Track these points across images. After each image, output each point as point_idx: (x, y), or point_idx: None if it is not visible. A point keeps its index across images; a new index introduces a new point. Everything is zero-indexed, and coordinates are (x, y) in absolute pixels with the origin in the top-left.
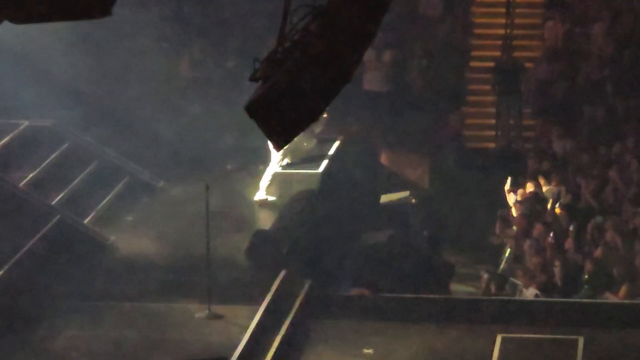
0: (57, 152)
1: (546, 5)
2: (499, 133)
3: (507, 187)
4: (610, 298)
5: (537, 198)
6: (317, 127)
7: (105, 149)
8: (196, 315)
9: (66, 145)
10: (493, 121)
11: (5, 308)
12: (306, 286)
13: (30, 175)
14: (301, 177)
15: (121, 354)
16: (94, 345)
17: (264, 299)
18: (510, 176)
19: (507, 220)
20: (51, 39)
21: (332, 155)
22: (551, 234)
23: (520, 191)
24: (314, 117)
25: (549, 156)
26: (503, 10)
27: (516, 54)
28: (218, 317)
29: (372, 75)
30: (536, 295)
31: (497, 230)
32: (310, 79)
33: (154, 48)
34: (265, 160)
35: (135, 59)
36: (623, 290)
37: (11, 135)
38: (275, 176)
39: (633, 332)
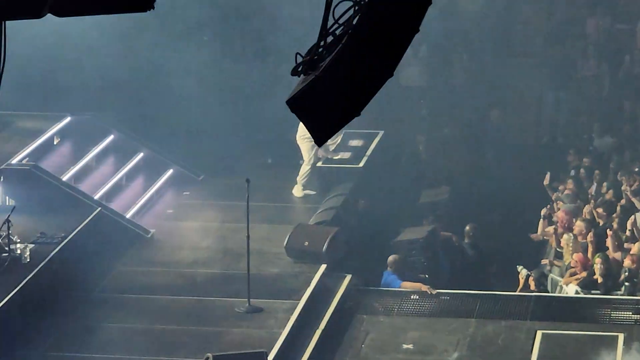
0: (100, 146)
1: (588, 1)
2: (541, 128)
3: (546, 182)
4: None
5: (578, 194)
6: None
7: (147, 143)
8: (236, 309)
9: (108, 138)
10: (534, 116)
11: (47, 299)
12: (346, 281)
13: (73, 168)
14: (342, 171)
15: (160, 347)
16: (134, 338)
17: (303, 293)
18: (550, 172)
19: (548, 217)
20: (93, 31)
21: (373, 150)
22: (592, 231)
23: (560, 187)
24: (356, 112)
25: (590, 152)
26: (545, 5)
27: (559, 49)
28: (258, 310)
29: (409, 70)
30: (576, 292)
31: (539, 229)
32: (352, 73)
33: (196, 41)
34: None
35: (177, 52)
36: None
37: (54, 128)
38: (316, 170)
39: None
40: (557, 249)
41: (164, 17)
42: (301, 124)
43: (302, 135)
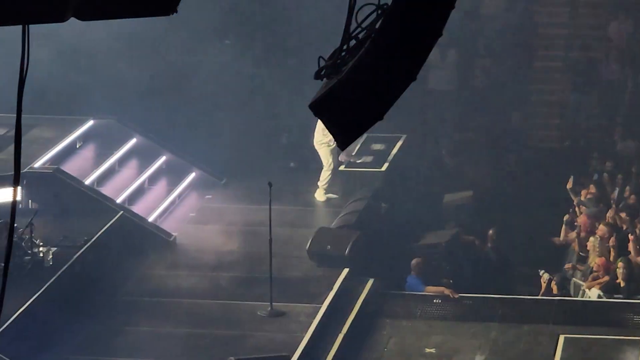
0: (122, 149)
1: (610, 5)
2: (564, 132)
3: (569, 186)
4: None
5: (601, 198)
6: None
7: (170, 146)
8: (258, 313)
9: (131, 142)
10: (557, 120)
11: (70, 303)
12: (368, 284)
13: (95, 171)
14: (364, 175)
15: (183, 350)
16: (157, 341)
17: (326, 297)
18: (573, 176)
19: (571, 222)
20: (115, 36)
21: (395, 153)
22: (614, 235)
23: (583, 191)
24: (379, 116)
25: (613, 156)
26: (567, 9)
27: (581, 54)
28: (280, 314)
29: (437, 74)
30: (599, 296)
31: (562, 233)
32: (375, 77)
33: (217, 45)
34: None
35: (199, 55)
36: None
37: (76, 131)
38: (339, 174)
39: None
40: (580, 253)
41: (186, 20)
42: (317, 130)
43: (319, 140)
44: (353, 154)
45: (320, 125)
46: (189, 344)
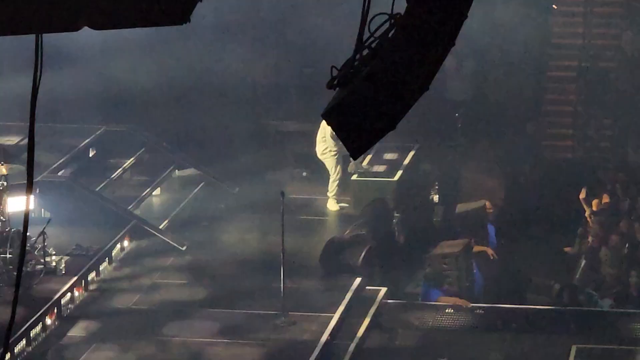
0: (134, 157)
1: (624, 15)
2: (577, 142)
3: (582, 195)
4: None
5: (613, 209)
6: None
7: (182, 155)
8: (271, 322)
9: (142, 150)
10: (570, 131)
11: (85, 309)
12: (381, 294)
13: (107, 179)
14: (377, 184)
15: (195, 359)
16: (170, 351)
17: (338, 307)
18: (586, 186)
19: (583, 233)
20: (128, 44)
21: (407, 163)
22: (627, 245)
23: (595, 201)
24: (392, 125)
25: (625, 167)
26: (581, 20)
27: (594, 64)
28: (292, 323)
29: (451, 84)
30: (611, 306)
31: (574, 244)
32: (388, 86)
33: (232, 54)
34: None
35: (211, 64)
36: None
37: (89, 140)
38: (351, 183)
39: None
40: (592, 264)
41: (198, 29)
42: (318, 140)
43: (323, 150)
44: (362, 163)
45: (320, 134)
46: (202, 353)
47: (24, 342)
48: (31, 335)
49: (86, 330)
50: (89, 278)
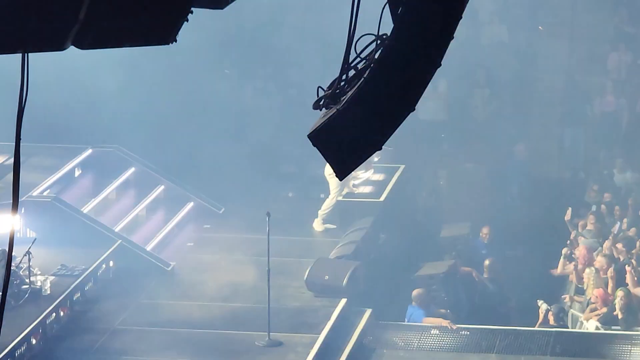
0: (121, 178)
1: (610, 38)
2: (563, 164)
3: (567, 217)
4: None
5: (599, 230)
6: (377, 156)
7: (168, 175)
8: (256, 343)
9: (129, 171)
10: (556, 152)
11: (68, 331)
12: (366, 315)
13: (94, 200)
14: (362, 205)
15: None
16: None
17: (323, 327)
18: (572, 207)
19: (569, 255)
20: (113, 64)
21: (394, 184)
22: (612, 266)
23: (581, 222)
24: (377, 146)
25: (611, 188)
26: (566, 41)
27: (580, 85)
28: (278, 344)
29: (429, 104)
30: (597, 328)
31: (560, 264)
32: (374, 107)
33: (217, 75)
34: (325, 188)
35: (197, 85)
36: None
37: (75, 160)
38: (337, 204)
39: None
40: (578, 285)
41: (184, 49)
42: None
43: (330, 172)
44: (351, 185)
45: None
46: None
47: None
48: (16, 354)
49: (71, 350)
50: (74, 298)
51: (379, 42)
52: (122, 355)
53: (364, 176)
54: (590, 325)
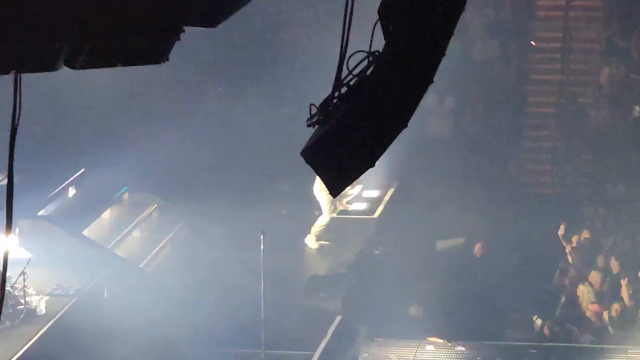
0: (114, 198)
1: (602, 52)
2: (556, 178)
3: (561, 232)
4: None
5: (593, 244)
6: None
7: (161, 194)
8: None
9: (123, 190)
10: (549, 167)
11: (64, 351)
12: (361, 332)
13: (88, 220)
14: (357, 222)
15: None
16: None
17: (319, 344)
18: (565, 222)
19: (564, 269)
20: (104, 83)
21: (388, 200)
22: (606, 281)
23: (574, 237)
24: (370, 163)
25: (605, 202)
26: (559, 56)
27: (572, 100)
28: None
29: (430, 120)
30: (591, 342)
31: (555, 280)
32: (366, 124)
33: (210, 93)
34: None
35: (190, 103)
36: None
37: (69, 180)
38: (331, 221)
39: None
40: (572, 299)
41: (178, 67)
42: (318, 178)
43: (321, 187)
44: (345, 201)
45: None
46: None
47: None
48: None
49: None
50: (70, 318)
51: (371, 59)
52: None
53: (353, 192)
54: (585, 339)
